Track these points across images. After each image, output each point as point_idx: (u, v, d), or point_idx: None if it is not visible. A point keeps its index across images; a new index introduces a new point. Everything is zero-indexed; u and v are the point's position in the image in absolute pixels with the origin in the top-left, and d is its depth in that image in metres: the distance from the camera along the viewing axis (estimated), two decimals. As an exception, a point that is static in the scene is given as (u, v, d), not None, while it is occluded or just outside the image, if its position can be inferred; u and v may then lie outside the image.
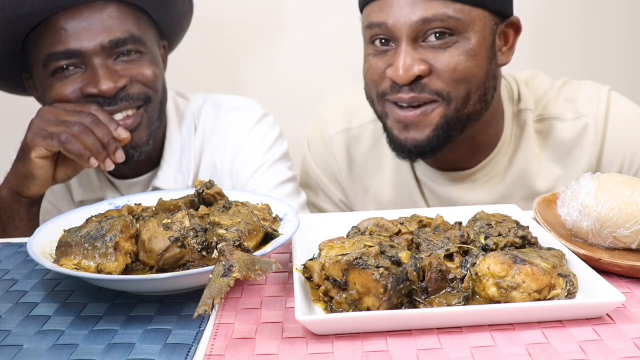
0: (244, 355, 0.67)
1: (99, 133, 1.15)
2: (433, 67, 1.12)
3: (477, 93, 1.15)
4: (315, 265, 0.76)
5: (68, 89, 1.19)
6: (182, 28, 1.40)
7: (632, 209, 0.83)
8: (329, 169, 1.42)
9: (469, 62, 1.12)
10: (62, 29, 1.18)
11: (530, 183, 1.27)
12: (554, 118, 1.27)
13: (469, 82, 1.13)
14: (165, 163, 1.35)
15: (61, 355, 0.68)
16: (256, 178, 1.35)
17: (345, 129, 1.39)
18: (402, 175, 1.35)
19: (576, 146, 1.25)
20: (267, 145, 1.38)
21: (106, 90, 1.18)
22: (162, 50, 1.35)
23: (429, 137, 1.16)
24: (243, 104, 1.42)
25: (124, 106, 1.21)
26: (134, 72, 1.22)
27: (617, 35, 2.01)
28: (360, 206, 1.41)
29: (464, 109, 1.15)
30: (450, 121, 1.15)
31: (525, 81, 1.32)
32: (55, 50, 1.18)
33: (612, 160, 1.25)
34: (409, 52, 1.12)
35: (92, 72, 1.19)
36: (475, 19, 1.12)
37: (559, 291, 0.73)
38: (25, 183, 1.18)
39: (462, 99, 1.14)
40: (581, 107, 1.26)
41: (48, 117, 1.16)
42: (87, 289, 0.83)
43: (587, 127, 1.24)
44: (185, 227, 0.80)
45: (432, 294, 0.75)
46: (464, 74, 1.12)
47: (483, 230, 0.85)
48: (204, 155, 1.38)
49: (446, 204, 1.31)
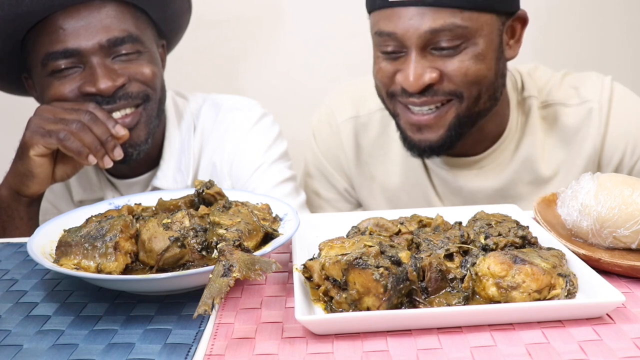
0: (244, 355, 0.67)
1: (97, 131, 1.15)
2: (443, 73, 1.15)
3: (487, 93, 1.18)
4: (315, 265, 0.76)
5: (66, 88, 1.20)
6: (181, 27, 1.40)
7: (632, 209, 0.83)
8: (335, 157, 1.43)
9: (479, 65, 1.15)
10: (61, 28, 1.18)
11: (535, 168, 1.30)
12: (559, 104, 1.30)
13: (480, 84, 1.16)
14: (164, 163, 1.35)
15: (61, 355, 0.68)
16: (256, 177, 1.35)
17: (354, 116, 1.40)
18: (410, 162, 1.36)
19: (580, 130, 1.28)
20: (266, 144, 1.38)
21: (104, 89, 1.18)
22: (160, 50, 1.35)
23: (442, 137, 1.19)
24: (242, 104, 1.43)
25: (122, 105, 1.22)
26: (133, 71, 1.22)
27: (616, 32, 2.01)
28: (367, 194, 1.42)
29: (475, 107, 1.18)
30: (463, 119, 1.18)
31: (527, 72, 1.35)
32: (53, 50, 1.18)
33: (615, 144, 1.27)
34: (419, 61, 1.14)
35: (91, 71, 1.19)
36: (483, 24, 1.14)
37: (559, 291, 0.73)
38: (25, 182, 1.18)
39: (474, 98, 1.17)
40: (585, 93, 1.29)
41: (46, 116, 1.16)
42: (87, 289, 0.83)
43: (592, 112, 1.27)
44: (185, 227, 0.80)
45: (432, 294, 0.75)
46: (475, 77, 1.15)
47: (483, 230, 0.85)
48: (204, 155, 1.38)
49: (454, 190, 1.33)
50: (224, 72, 1.96)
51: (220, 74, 1.95)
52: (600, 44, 2.01)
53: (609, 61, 2.02)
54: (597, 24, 2.00)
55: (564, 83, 1.32)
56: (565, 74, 1.34)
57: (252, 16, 1.92)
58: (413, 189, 1.37)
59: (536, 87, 1.32)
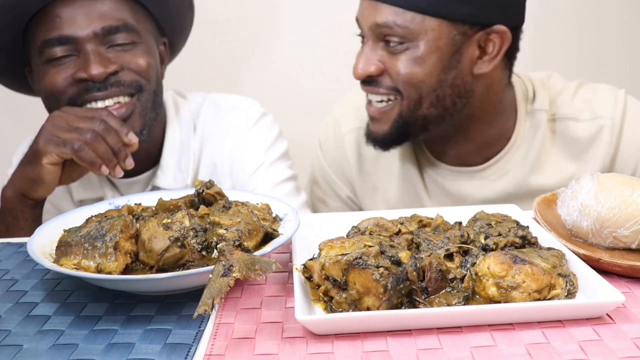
0: (244, 355, 0.67)
1: (110, 140, 1.16)
2: (386, 68, 1.20)
3: (428, 98, 1.20)
4: (315, 265, 0.76)
5: (61, 76, 1.21)
6: (183, 26, 1.40)
7: (632, 209, 0.83)
8: (339, 166, 1.45)
9: (415, 68, 1.17)
10: (57, 17, 1.20)
11: (543, 181, 1.29)
12: (570, 118, 1.29)
13: (417, 87, 1.19)
14: (164, 161, 1.35)
15: (61, 355, 0.68)
16: (256, 177, 1.35)
17: (357, 127, 1.41)
18: (409, 174, 1.36)
19: (591, 146, 1.27)
20: (267, 144, 1.38)
21: (96, 75, 1.19)
22: (162, 47, 1.35)
23: (388, 132, 1.24)
24: (242, 103, 1.43)
25: (114, 92, 1.22)
26: (127, 60, 1.23)
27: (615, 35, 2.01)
28: (369, 204, 1.43)
29: (417, 110, 1.21)
30: (406, 119, 1.22)
31: (540, 81, 1.34)
32: (49, 37, 1.20)
33: (626, 162, 1.27)
34: (368, 53, 1.21)
35: (84, 58, 1.20)
36: (427, 29, 1.15)
37: (559, 291, 0.73)
38: (33, 187, 1.18)
39: (415, 100, 1.20)
40: (598, 108, 1.28)
41: (59, 123, 1.16)
42: (87, 289, 0.83)
43: (604, 129, 1.26)
44: (185, 227, 0.80)
45: (432, 294, 0.75)
46: (409, 78, 1.18)
47: (483, 230, 0.85)
48: (204, 155, 1.38)
49: (456, 201, 1.33)
50: (225, 73, 1.96)
51: (221, 74, 1.95)
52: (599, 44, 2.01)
53: (608, 62, 2.01)
54: (597, 25, 2.00)
55: (577, 96, 1.30)
56: (579, 86, 1.32)
57: (253, 17, 1.92)
58: (411, 201, 1.37)
59: (548, 97, 1.30)
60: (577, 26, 1.99)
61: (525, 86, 1.32)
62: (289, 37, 1.94)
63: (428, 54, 1.16)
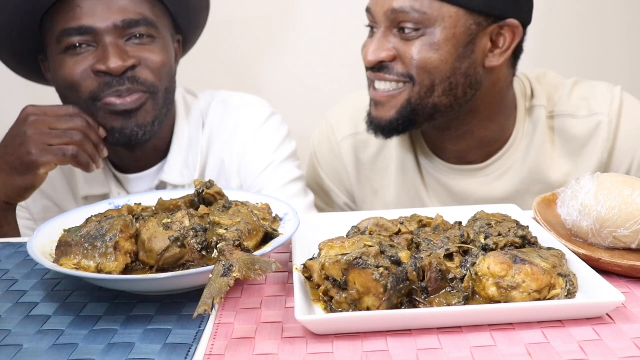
0: (244, 355, 0.67)
1: (93, 137, 1.19)
2: (399, 54, 1.19)
3: (441, 86, 1.19)
4: (315, 265, 0.76)
5: (80, 67, 1.21)
6: (198, 24, 1.40)
7: (632, 209, 0.83)
8: (336, 174, 1.44)
9: (431, 54, 1.17)
10: (78, 7, 1.20)
11: (544, 178, 1.30)
12: (567, 115, 1.30)
13: (431, 74, 1.18)
14: (172, 156, 1.35)
15: (61, 355, 0.68)
16: (265, 176, 1.35)
17: (353, 133, 1.40)
18: (409, 176, 1.36)
19: (588, 143, 1.28)
20: (276, 143, 1.38)
21: (114, 68, 1.19)
22: (176, 45, 1.35)
23: (393, 118, 1.22)
24: (251, 102, 1.43)
25: (129, 88, 1.22)
26: (144, 56, 1.23)
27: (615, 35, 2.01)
28: (369, 208, 1.42)
29: (428, 98, 1.20)
30: (415, 106, 1.20)
31: (537, 78, 1.35)
32: (68, 26, 1.20)
33: (622, 158, 1.28)
34: (380, 39, 1.20)
35: (103, 50, 1.21)
36: (444, 16, 1.15)
37: (559, 291, 0.73)
38: (23, 194, 1.19)
39: (427, 87, 1.19)
40: (595, 105, 1.28)
41: (42, 129, 1.16)
42: (87, 289, 0.83)
43: (601, 125, 1.27)
44: (185, 227, 0.80)
45: (432, 294, 0.75)
46: (424, 64, 1.17)
47: (483, 230, 0.85)
48: (212, 152, 1.39)
49: (458, 199, 1.33)
50: (235, 72, 1.95)
51: (231, 74, 1.95)
52: (599, 45, 2.01)
53: (608, 61, 2.01)
54: (597, 24, 2.00)
55: (574, 93, 1.31)
56: (576, 83, 1.33)
57: (263, 17, 1.92)
58: (412, 203, 1.37)
59: (545, 94, 1.31)
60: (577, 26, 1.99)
61: (523, 84, 1.33)
62: (300, 38, 1.94)
63: (444, 41, 1.16)
